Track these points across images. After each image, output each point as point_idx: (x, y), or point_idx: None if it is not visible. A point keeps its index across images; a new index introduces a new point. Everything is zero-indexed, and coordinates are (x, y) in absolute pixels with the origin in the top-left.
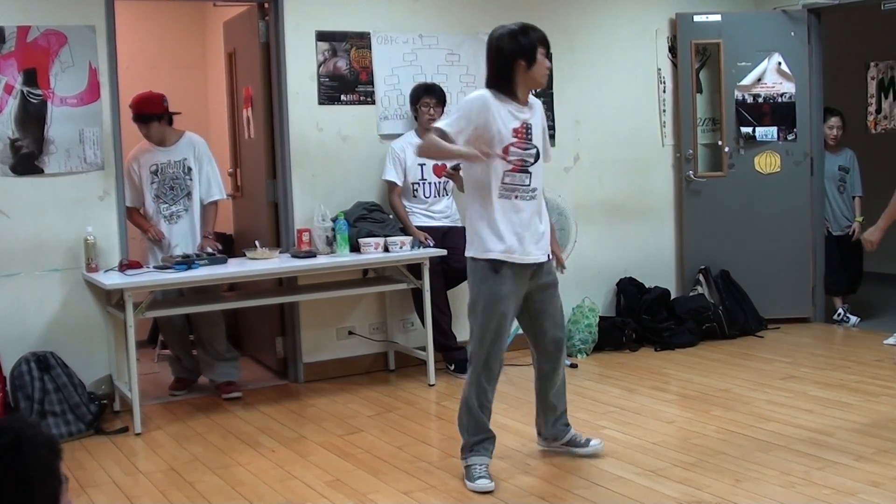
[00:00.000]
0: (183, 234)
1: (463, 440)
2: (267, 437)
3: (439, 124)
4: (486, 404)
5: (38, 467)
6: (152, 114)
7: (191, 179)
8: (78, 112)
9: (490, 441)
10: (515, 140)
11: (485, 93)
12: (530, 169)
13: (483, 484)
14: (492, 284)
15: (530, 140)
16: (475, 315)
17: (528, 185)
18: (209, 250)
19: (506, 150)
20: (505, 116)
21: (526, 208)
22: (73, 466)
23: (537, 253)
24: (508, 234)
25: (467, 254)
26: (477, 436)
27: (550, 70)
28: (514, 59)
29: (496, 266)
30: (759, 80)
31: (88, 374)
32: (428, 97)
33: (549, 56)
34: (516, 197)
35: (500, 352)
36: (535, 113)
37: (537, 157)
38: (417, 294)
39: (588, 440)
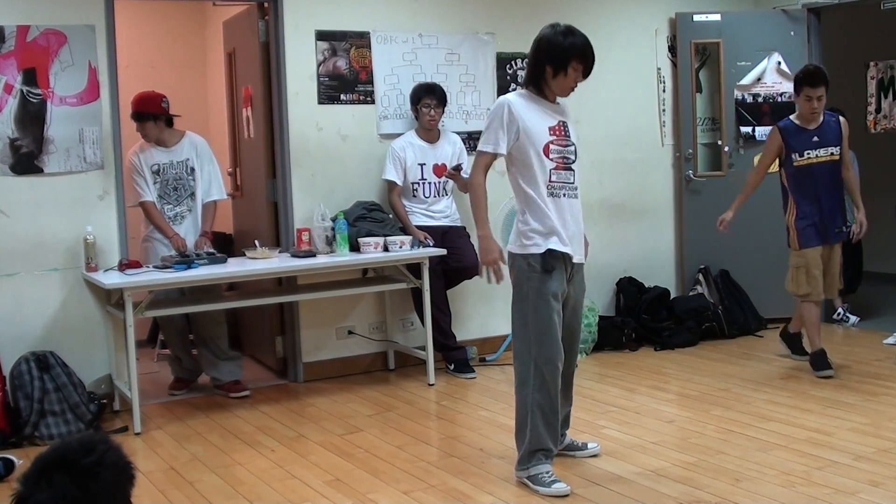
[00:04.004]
0: (186, 235)
1: (522, 449)
2: (267, 436)
3: (482, 146)
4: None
5: (113, 491)
6: (147, 112)
7: (194, 180)
8: (78, 111)
9: (550, 450)
10: (554, 138)
11: (506, 98)
12: (573, 166)
13: (561, 488)
14: (542, 283)
15: (568, 137)
16: (525, 312)
17: (573, 183)
18: (208, 249)
19: (546, 149)
20: (538, 116)
21: (571, 206)
22: None
23: (579, 253)
24: (558, 230)
25: (512, 250)
26: (542, 445)
27: (573, 87)
28: (544, 62)
29: (546, 260)
30: (759, 79)
31: (88, 374)
32: (429, 98)
33: (586, 72)
34: (564, 195)
35: (558, 345)
36: (566, 112)
37: (576, 154)
38: (417, 294)
39: (585, 444)
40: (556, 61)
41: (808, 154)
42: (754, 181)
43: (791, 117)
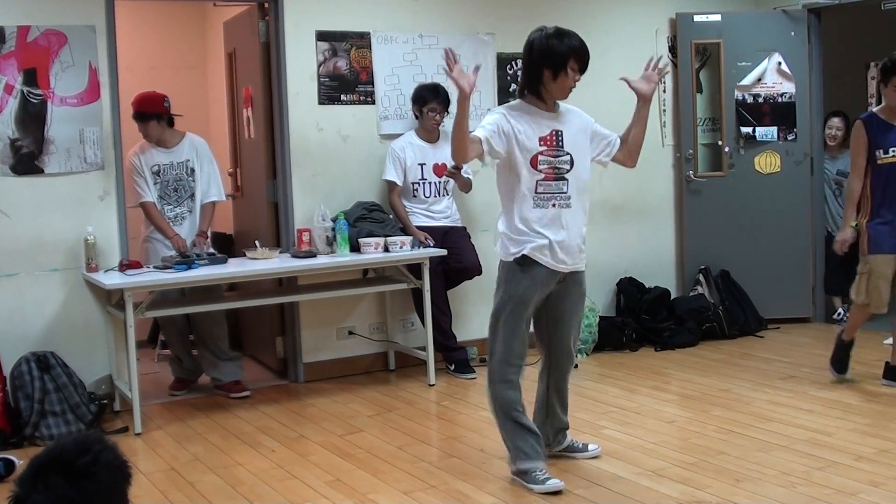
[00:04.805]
0: (186, 236)
1: (505, 444)
2: (267, 437)
3: (479, 133)
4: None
5: (109, 491)
6: (151, 112)
7: (194, 181)
8: (78, 112)
9: (537, 442)
10: (544, 148)
11: (500, 109)
12: (566, 176)
13: (554, 484)
14: (517, 284)
15: (562, 147)
16: (496, 313)
17: (565, 192)
18: (207, 250)
19: (534, 160)
20: (531, 128)
21: (564, 216)
22: None
23: (571, 262)
24: (540, 237)
25: (498, 254)
26: (522, 439)
27: (573, 87)
28: (541, 66)
29: (521, 263)
30: (759, 80)
31: (88, 374)
32: (434, 102)
33: (582, 70)
34: (554, 205)
35: (521, 350)
36: (568, 119)
37: (573, 163)
38: (417, 294)
39: (585, 445)
40: (555, 63)
41: (893, 151)
42: (857, 188)
43: (874, 110)
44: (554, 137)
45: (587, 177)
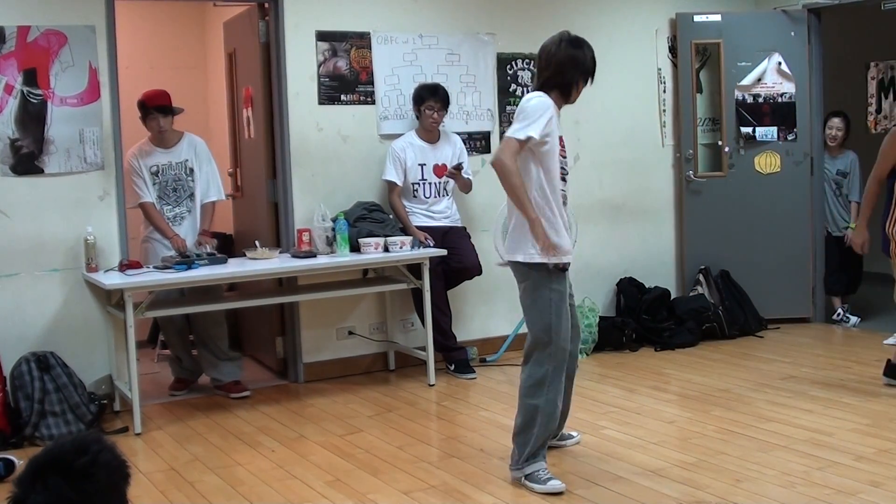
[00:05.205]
0: (185, 236)
1: (525, 450)
2: (267, 437)
3: (521, 134)
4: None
5: (108, 491)
6: (169, 106)
7: (193, 181)
8: (78, 112)
9: (545, 448)
10: (560, 148)
11: (548, 99)
12: (566, 177)
13: (556, 485)
14: (561, 285)
15: (564, 148)
16: (547, 316)
17: (565, 191)
18: (209, 249)
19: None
20: (557, 126)
21: (568, 213)
22: None
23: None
24: (568, 237)
25: (525, 259)
26: (542, 445)
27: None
28: (580, 73)
29: (564, 267)
30: (759, 80)
31: (88, 374)
32: (432, 100)
33: (585, 83)
34: (564, 202)
35: (569, 338)
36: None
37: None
38: (417, 294)
39: (570, 433)
40: (588, 72)
41: None
42: (875, 190)
43: None
44: (562, 139)
45: None
